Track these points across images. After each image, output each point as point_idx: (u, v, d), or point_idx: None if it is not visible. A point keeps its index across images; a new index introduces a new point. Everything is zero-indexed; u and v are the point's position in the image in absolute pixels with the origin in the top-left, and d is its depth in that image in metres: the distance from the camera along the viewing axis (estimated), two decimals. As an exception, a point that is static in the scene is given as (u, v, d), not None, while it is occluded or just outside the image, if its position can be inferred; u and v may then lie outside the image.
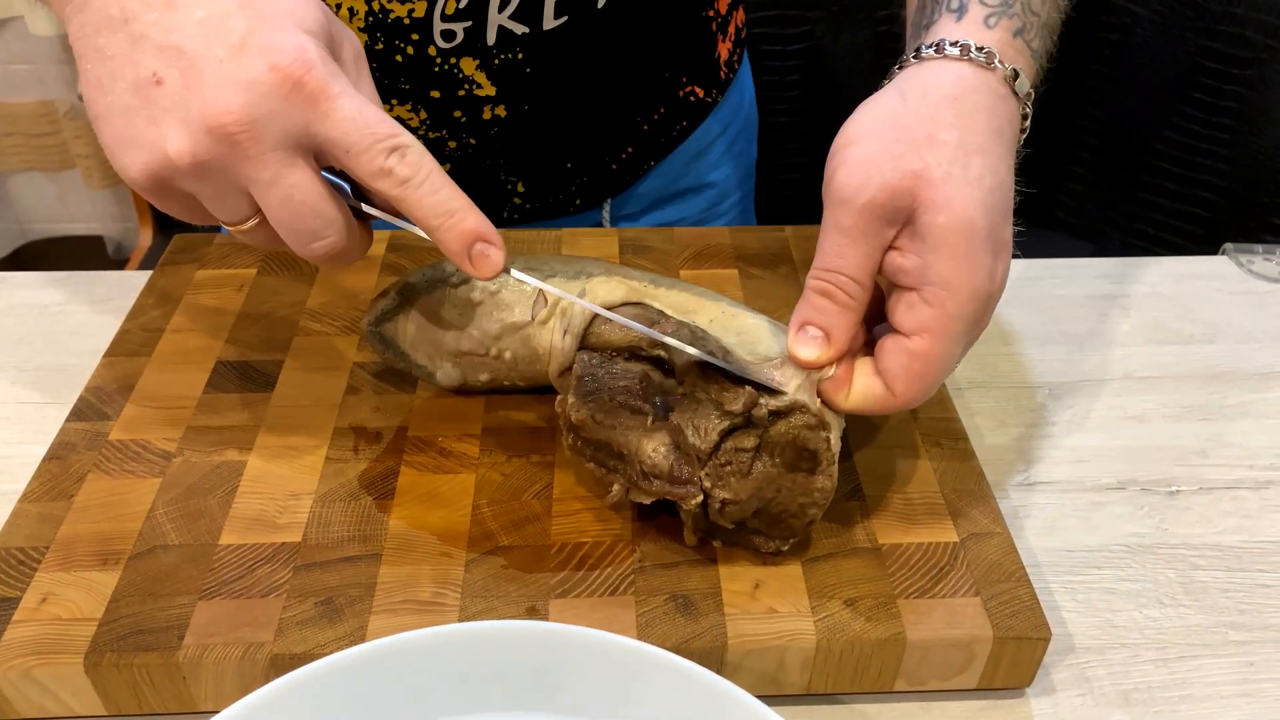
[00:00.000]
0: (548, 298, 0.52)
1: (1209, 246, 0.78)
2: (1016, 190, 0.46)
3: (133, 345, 0.59)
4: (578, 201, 0.78)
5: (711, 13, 0.79)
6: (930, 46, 0.46)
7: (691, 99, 0.80)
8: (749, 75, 0.89)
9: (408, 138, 0.42)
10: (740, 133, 0.87)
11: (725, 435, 0.44)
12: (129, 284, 0.68)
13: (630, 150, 0.79)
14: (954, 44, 0.46)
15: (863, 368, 0.46)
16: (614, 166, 0.79)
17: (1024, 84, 0.46)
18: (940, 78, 0.45)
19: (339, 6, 0.62)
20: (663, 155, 0.81)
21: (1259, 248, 0.74)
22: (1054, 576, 0.51)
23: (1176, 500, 0.55)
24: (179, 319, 0.61)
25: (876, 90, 0.48)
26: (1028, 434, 0.59)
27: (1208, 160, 1.38)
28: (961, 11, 0.47)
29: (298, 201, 0.41)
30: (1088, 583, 0.51)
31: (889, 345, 0.45)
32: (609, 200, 0.80)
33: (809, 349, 0.45)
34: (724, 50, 0.82)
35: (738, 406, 0.44)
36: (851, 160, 0.44)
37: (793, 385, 0.45)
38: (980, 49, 0.45)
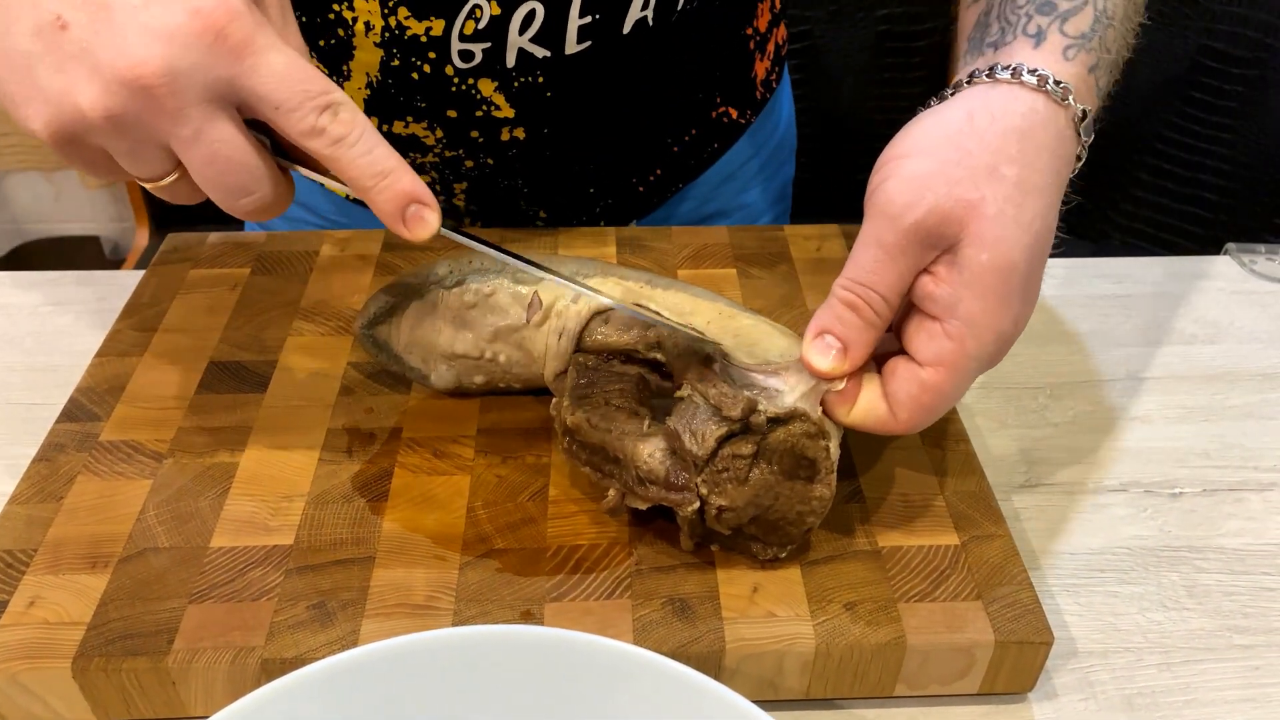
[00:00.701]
0: (543, 299, 0.51)
1: (1210, 246, 0.77)
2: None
3: (124, 345, 0.59)
4: (601, 224, 0.77)
5: (750, 30, 0.76)
6: (1006, 70, 0.44)
7: (725, 120, 0.77)
8: (788, 92, 0.85)
9: (340, 94, 0.40)
10: (774, 153, 0.84)
11: (723, 441, 0.43)
12: (121, 284, 0.67)
13: (659, 172, 0.76)
14: (1033, 72, 0.44)
15: (870, 386, 0.45)
16: (641, 189, 0.76)
17: (1087, 125, 0.45)
18: (1012, 106, 0.43)
19: (355, 20, 0.61)
20: (692, 178, 0.78)
21: (1261, 247, 0.74)
22: (1056, 580, 0.51)
23: (1179, 502, 0.55)
24: (171, 319, 0.60)
25: (936, 100, 0.46)
26: (1029, 435, 0.59)
27: (1208, 159, 1.37)
28: (1040, 39, 0.45)
29: (224, 157, 0.39)
30: (1090, 586, 0.51)
31: (901, 370, 0.44)
32: (634, 223, 0.78)
33: (824, 359, 0.44)
34: (761, 69, 0.79)
35: (736, 412, 0.43)
36: (904, 174, 0.42)
37: (796, 392, 0.44)
38: (1058, 83, 0.44)
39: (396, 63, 0.63)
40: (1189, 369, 0.63)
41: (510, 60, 0.62)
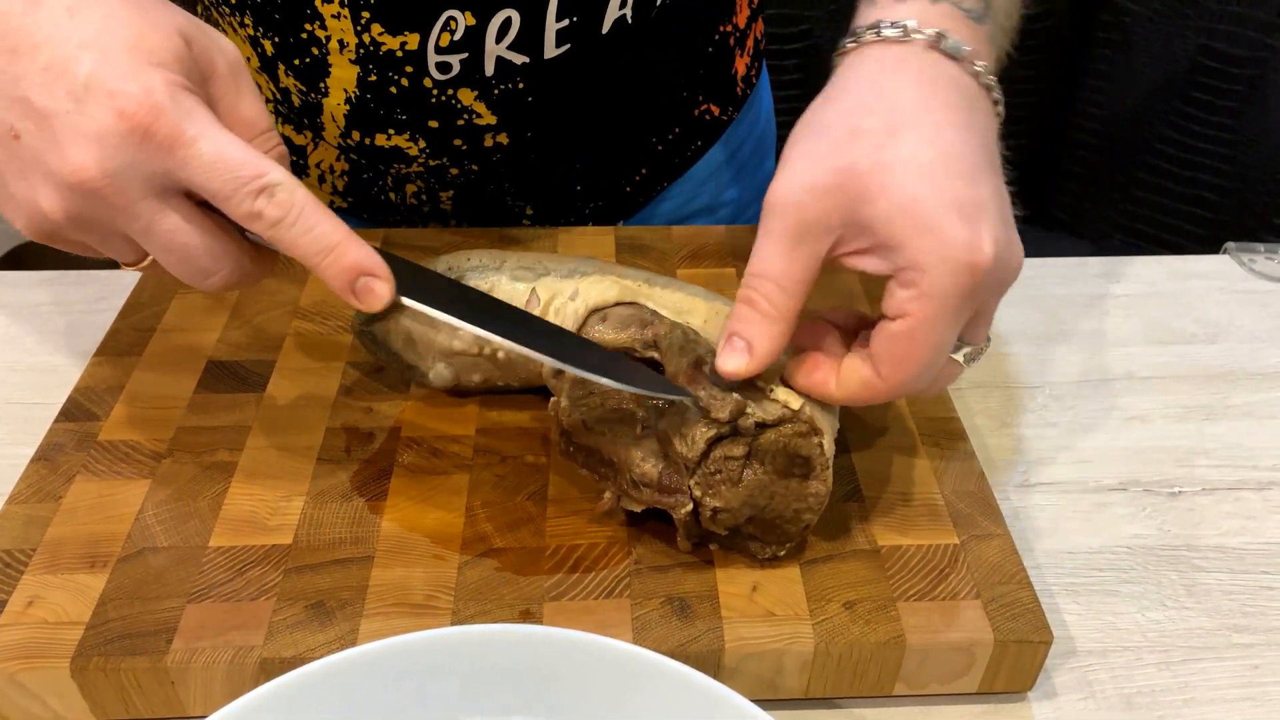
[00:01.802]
0: (541, 296, 0.51)
1: (1209, 245, 0.77)
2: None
3: (123, 345, 0.59)
4: (590, 224, 0.77)
5: (729, 28, 0.76)
6: (870, 29, 0.44)
7: (707, 118, 0.77)
8: (767, 88, 0.85)
9: (276, 174, 0.40)
10: (756, 148, 0.84)
11: (713, 444, 0.43)
12: (120, 283, 0.67)
13: (644, 171, 0.76)
14: (870, 27, 0.43)
15: (854, 357, 0.44)
16: (627, 189, 0.76)
17: (951, 42, 0.43)
18: (862, 67, 0.43)
19: (328, 38, 0.61)
20: (676, 176, 0.78)
21: (1261, 246, 0.74)
22: (1055, 579, 0.51)
23: (1179, 501, 0.55)
24: (170, 319, 0.60)
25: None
26: (1029, 434, 0.59)
27: (1207, 159, 1.38)
28: None
29: (179, 244, 0.41)
30: (1089, 585, 0.51)
31: (876, 331, 0.43)
32: (621, 222, 0.78)
33: (731, 359, 0.43)
34: (741, 65, 0.79)
35: (724, 415, 0.43)
36: (782, 172, 0.42)
37: (778, 391, 0.44)
38: (894, 24, 0.43)
39: (374, 78, 0.62)
40: (1188, 368, 0.63)
41: (489, 69, 0.62)
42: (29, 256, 1.90)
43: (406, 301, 0.44)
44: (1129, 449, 0.58)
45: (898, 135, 0.41)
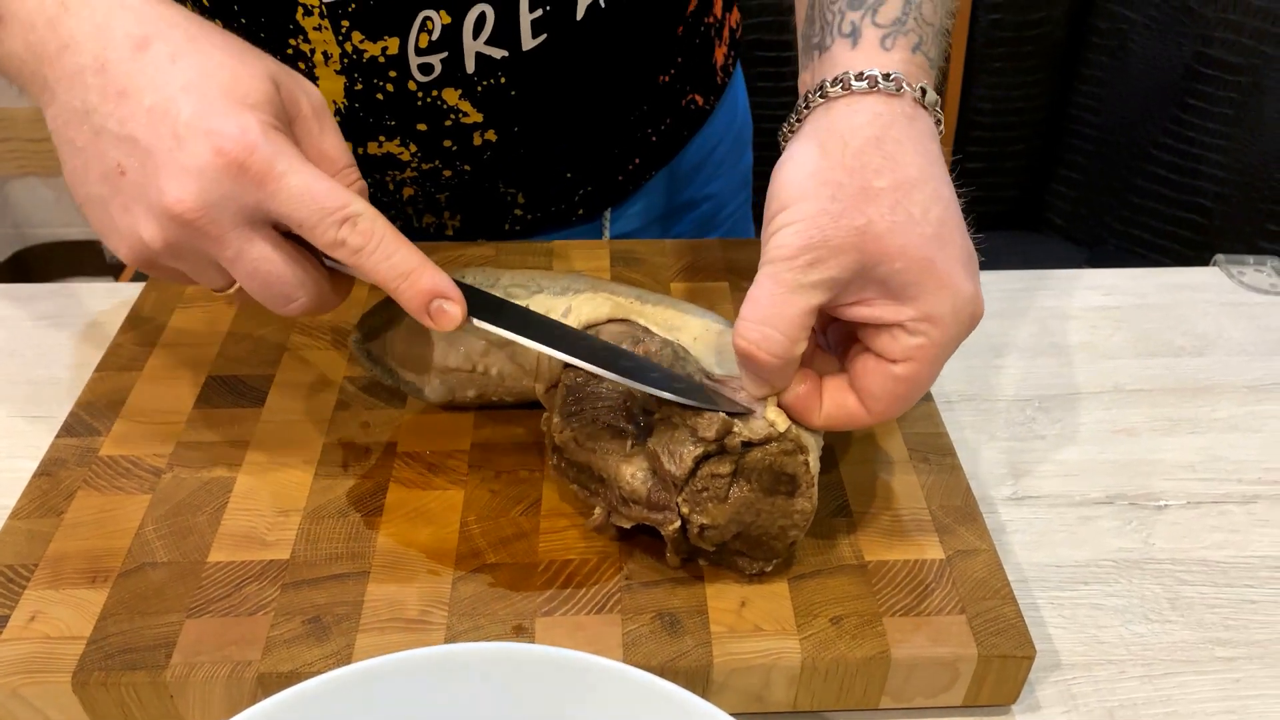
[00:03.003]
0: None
1: (1205, 252, 0.78)
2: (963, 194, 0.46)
3: (124, 360, 0.59)
4: (580, 212, 0.78)
5: (710, 19, 0.78)
6: (836, 84, 0.45)
7: (692, 107, 0.79)
8: (742, 81, 0.88)
9: (358, 205, 0.43)
10: (735, 142, 0.87)
11: (700, 461, 0.44)
12: (121, 297, 0.68)
13: (637, 161, 0.78)
14: (860, 77, 0.45)
15: (836, 385, 0.46)
16: (619, 178, 0.78)
17: (932, 96, 0.46)
18: (855, 121, 0.44)
19: (312, 51, 0.62)
20: (663, 164, 0.80)
21: (1250, 259, 0.75)
22: (1041, 592, 0.52)
23: (1164, 515, 0.56)
24: (170, 333, 0.61)
25: (788, 128, 0.48)
26: (1017, 448, 0.59)
27: (1203, 165, 1.38)
28: (855, 36, 0.46)
29: (264, 272, 0.44)
30: (1074, 598, 0.51)
31: (871, 367, 0.45)
32: (609, 210, 0.80)
33: (756, 389, 0.46)
34: (720, 55, 0.81)
35: (711, 434, 0.44)
36: (792, 222, 0.43)
37: (767, 409, 0.45)
38: (887, 77, 0.44)
39: (360, 86, 0.64)
40: (1176, 381, 0.64)
41: (470, 66, 0.64)
42: (31, 261, 1.91)
43: (477, 322, 0.46)
44: (1116, 462, 0.59)
45: (909, 196, 0.43)
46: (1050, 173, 1.53)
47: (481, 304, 0.47)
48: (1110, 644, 0.49)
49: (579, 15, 0.65)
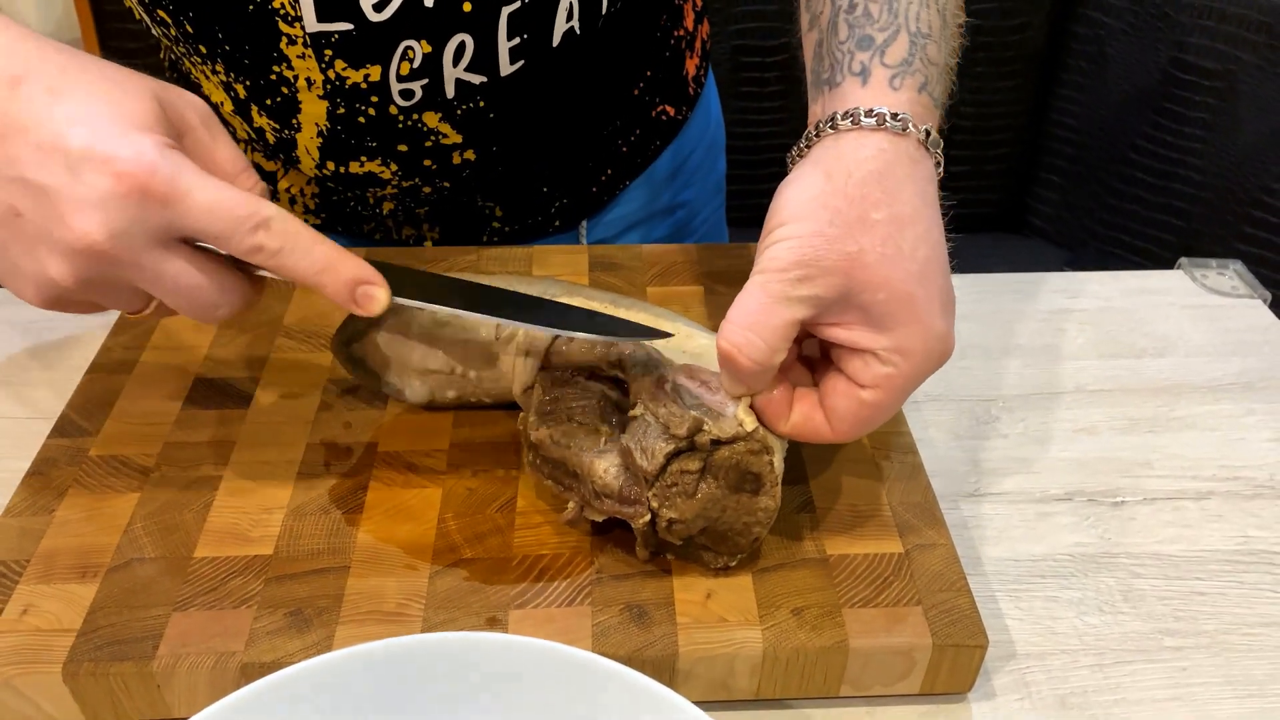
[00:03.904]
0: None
1: (1184, 253, 0.80)
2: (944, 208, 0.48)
3: (114, 362, 0.61)
4: (557, 223, 0.80)
5: (681, 32, 0.81)
6: (847, 118, 0.47)
7: (663, 118, 0.82)
8: (714, 90, 0.90)
9: (268, 209, 0.43)
10: (708, 150, 0.89)
11: (671, 458, 0.46)
12: (112, 301, 0.70)
13: (609, 172, 0.80)
14: (870, 114, 0.46)
15: (806, 398, 0.48)
16: (594, 189, 0.80)
17: (936, 140, 0.48)
18: (861, 154, 0.46)
19: (296, 77, 0.64)
20: (638, 174, 0.82)
21: (1213, 262, 0.77)
22: (1000, 585, 0.54)
23: (1121, 510, 0.58)
24: (159, 336, 0.63)
25: (796, 152, 0.50)
26: (980, 446, 0.61)
27: (1180, 169, 1.40)
28: (865, 75, 0.48)
29: (186, 287, 0.44)
30: (1031, 591, 0.53)
31: (841, 388, 0.47)
32: (585, 221, 0.82)
33: (732, 389, 0.48)
34: (691, 66, 0.83)
35: (683, 431, 0.46)
36: (788, 238, 0.45)
37: (738, 405, 0.47)
38: (895, 116, 0.46)
39: (342, 110, 0.65)
40: (1138, 382, 0.66)
41: (450, 91, 0.65)
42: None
43: (400, 300, 0.48)
44: (1076, 460, 0.61)
45: (902, 232, 0.45)
46: (1031, 176, 1.56)
47: (407, 281, 0.49)
48: (1064, 634, 0.51)
49: (555, 42, 0.66)
